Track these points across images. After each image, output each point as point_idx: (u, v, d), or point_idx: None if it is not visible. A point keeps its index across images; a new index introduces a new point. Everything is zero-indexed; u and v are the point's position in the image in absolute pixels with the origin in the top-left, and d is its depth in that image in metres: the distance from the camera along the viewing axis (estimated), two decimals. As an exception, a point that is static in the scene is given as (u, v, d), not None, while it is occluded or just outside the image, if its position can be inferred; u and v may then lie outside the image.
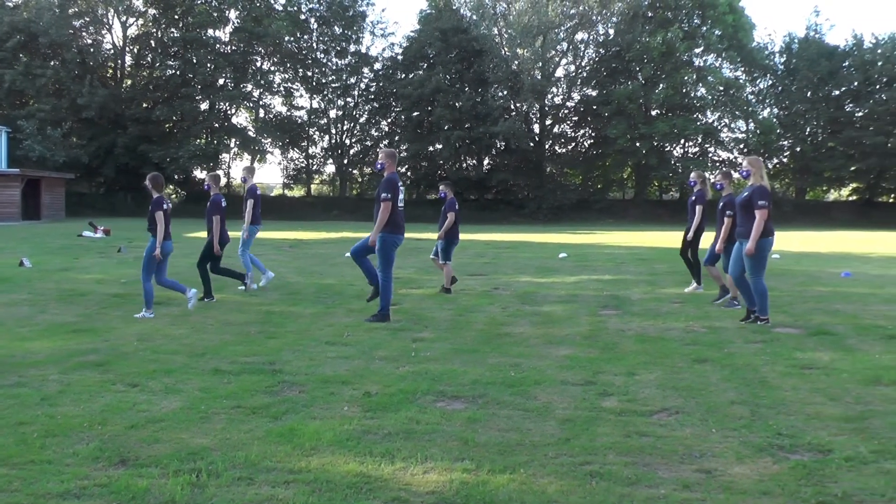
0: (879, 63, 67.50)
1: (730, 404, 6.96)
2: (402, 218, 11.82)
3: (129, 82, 68.45)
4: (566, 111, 72.48)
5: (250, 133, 68.56)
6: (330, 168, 73.70)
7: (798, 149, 70.75)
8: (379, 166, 11.83)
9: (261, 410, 6.65)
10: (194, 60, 64.49)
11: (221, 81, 66.20)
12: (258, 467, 5.30)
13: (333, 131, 71.35)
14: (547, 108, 70.25)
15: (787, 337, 10.50)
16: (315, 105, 70.78)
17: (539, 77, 66.48)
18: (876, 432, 6.16)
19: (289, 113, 70.78)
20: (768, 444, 5.85)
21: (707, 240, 14.50)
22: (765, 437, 6.03)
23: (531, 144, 67.52)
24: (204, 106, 66.86)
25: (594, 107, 68.67)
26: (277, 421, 6.36)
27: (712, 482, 5.11)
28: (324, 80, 69.65)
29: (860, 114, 68.78)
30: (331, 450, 5.66)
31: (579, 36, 69.79)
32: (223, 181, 71.33)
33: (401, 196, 11.63)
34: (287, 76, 70.51)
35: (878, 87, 68.01)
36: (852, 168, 68.45)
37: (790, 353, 9.24)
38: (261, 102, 69.80)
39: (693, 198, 15.25)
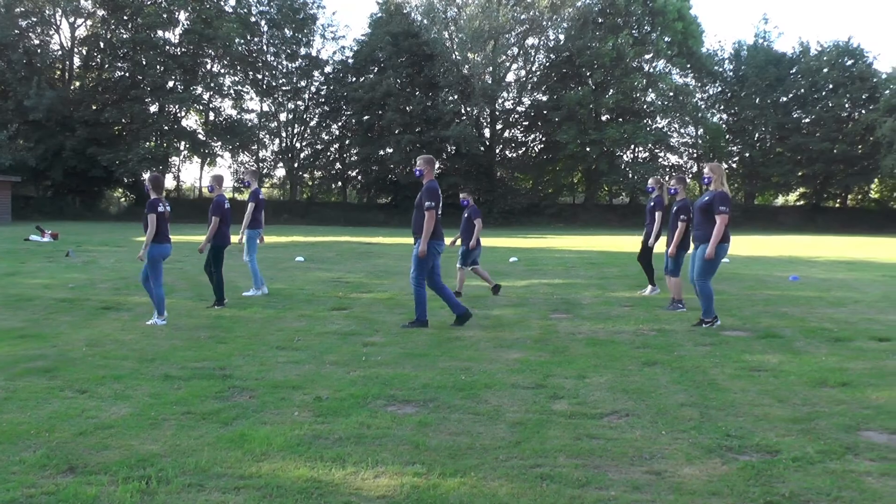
0: (825, 70, 68.87)
1: (679, 406, 7.01)
2: (440, 225, 11.56)
3: (78, 84, 67.70)
4: (517, 116, 72.93)
5: (200, 136, 68.15)
6: (280, 171, 73.63)
7: (747, 154, 72.01)
8: (418, 173, 11.55)
9: (211, 416, 6.59)
10: (144, 62, 63.99)
11: (171, 84, 65.78)
12: (208, 473, 5.25)
13: (284, 134, 71.17)
14: (497, 113, 70.58)
15: (735, 340, 10.61)
16: (265, 108, 70.74)
17: (490, 81, 66.74)
18: (822, 433, 6.24)
19: (239, 116, 70.33)
20: (717, 446, 5.90)
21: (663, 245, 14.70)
22: (714, 438, 6.08)
23: (482, 149, 67.68)
24: (153, 108, 66.34)
25: (544, 111, 69.11)
26: (228, 426, 6.30)
27: (662, 483, 5.15)
28: (274, 83, 69.40)
29: (807, 120, 70.31)
30: (281, 455, 5.62)
31: (530, 41, 70.22)
32: (172, 185, 70.78)
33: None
34: (237, 79, 70.21)
35: (823, 93, 69.45)
36: (799, 173, 69.63)
37: (739, 356, 9.34)
38: (211, 105, 69.41)
39: (651, 203, 15.42)
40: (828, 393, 7.56)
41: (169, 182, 71.41)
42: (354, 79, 68.16)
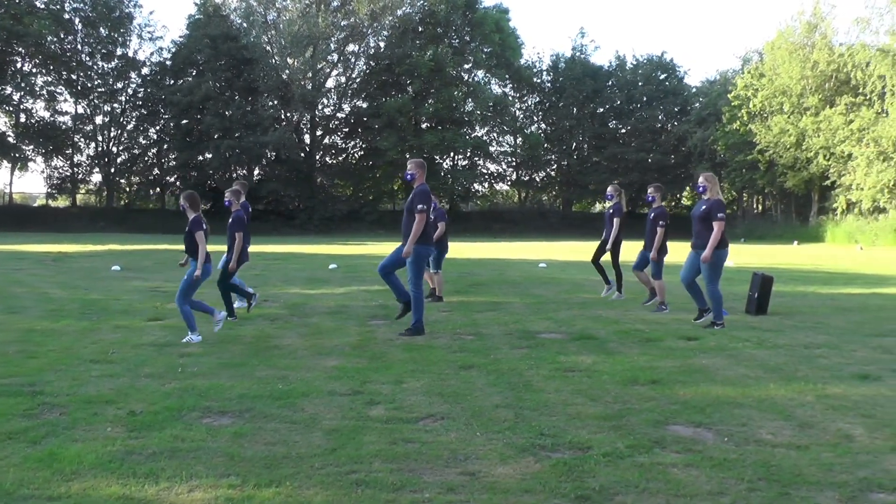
0: (640, 83, 72.00)
1: (494, 408, 7.13)
2: (432, 229, 11.83)
3: None
4: (337, 122, 72.81)
5: (10, 139, 65.24)
6: (96, 177, 71.04)
7: (565, 162, 74.15)
8: (409, 177, 11.62)
9: (18, 435, 6.31)
10: (-55, 59, 60.91)
11: (-23, 83, 62.76)
12: (14, 496, 5.03)
13: (100, 138, 68.74)
14: (317, 119, 70.29)
15: (551, 342, 10.87)
16: (80, 110, 68.08)
17: (309, 87, 66.44)
18: (632, 429, 6.47)
19: (52, 118, 67.53)
20: (531, 445, 6.03)
21: (631, 249, 15.18)
22: (528, 437, 6.22)
23: (302, 155, 67.33)
24: (-42, 109, 63.21)
25: (365, 119, 69.26)
26: (36, 445, 6.05)
27: (476, 483, 5.23)
28: (89, 85, 66.96)
29: (623, 131, 73.19)
30: (93, 473, 5.44)
31: (350, 47, 70.18)
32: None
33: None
34: (50, 79, 67.23)
35: (639, 105, 72.50)
36: (616, 181, 71.79)
37: (554, 357, 9.56)
38: (21, 106, 66.29)
39: (610, 210, 15.90)
40: (638, 390, 7.83)
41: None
42: (172, 81, 66.61)
